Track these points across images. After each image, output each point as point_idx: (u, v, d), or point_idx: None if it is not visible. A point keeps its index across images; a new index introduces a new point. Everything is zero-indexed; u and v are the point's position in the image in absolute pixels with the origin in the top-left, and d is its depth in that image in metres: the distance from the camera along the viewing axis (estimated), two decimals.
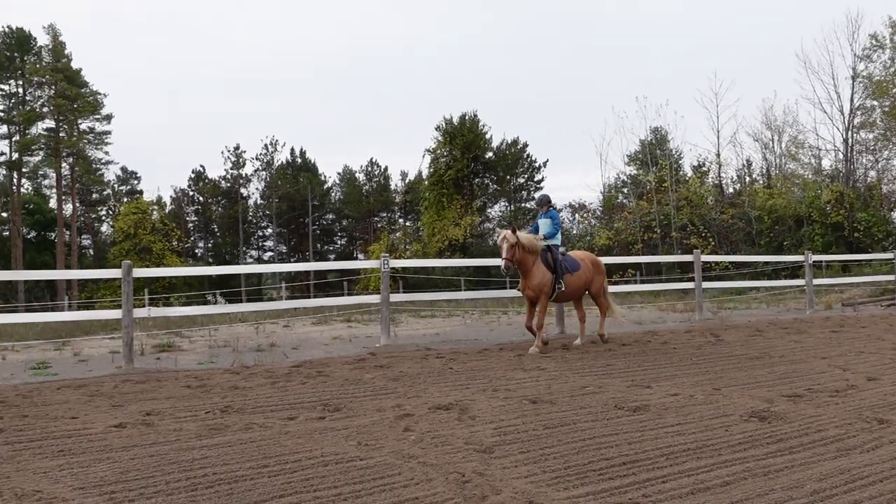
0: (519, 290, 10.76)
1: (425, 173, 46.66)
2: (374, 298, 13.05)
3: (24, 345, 11.99)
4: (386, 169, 67.68)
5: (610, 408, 6.20)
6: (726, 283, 20.50)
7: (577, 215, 42.22)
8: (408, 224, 60.39)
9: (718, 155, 40.40)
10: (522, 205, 50.95)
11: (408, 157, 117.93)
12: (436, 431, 5.46)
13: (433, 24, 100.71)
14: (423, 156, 46.18)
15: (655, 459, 4.64)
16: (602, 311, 11.29)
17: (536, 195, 11.65)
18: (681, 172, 41.84)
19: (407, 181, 63.16)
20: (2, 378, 8.67)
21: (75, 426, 5.84)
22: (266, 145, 62.01)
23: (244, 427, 5.71)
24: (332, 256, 65.12)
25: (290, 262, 60.67)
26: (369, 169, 67.83)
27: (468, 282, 29.90)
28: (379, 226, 62.95)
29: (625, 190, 46.53)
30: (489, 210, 48.11)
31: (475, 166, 44.29)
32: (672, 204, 35.59)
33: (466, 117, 43.73)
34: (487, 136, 45.10)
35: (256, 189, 63.83)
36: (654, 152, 41.11)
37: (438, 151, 43.36)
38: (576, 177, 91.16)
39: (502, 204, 50.93)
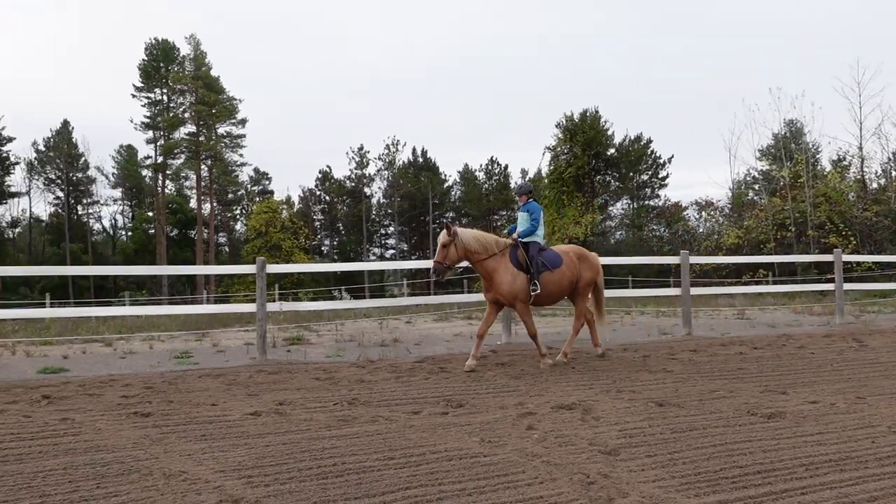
0: (484, 293, 9.18)
1: (545, 171, 46.22)
2: None
3: (168, 335, 12.83)
4: (506, 167, 67.87)
5: (742, 413, 5.93)
6: (870, 284, 19.11)
7: (703, 213, 40.63)
8: None
9: (861, 148, 37.70)
10: (646, 202, 49.56)
11: (528, 155, 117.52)
12: (559, 431, 5.41)
13: (556, 21, 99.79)
14: (543, 154, 45.77)
15: (793, 469, 4.40)
16: (578, 316, 9.51)
17: (516, 183, 9.99)
18: (818, 167, 39.38)
19: (527, 179, 62.99)
20: (149, 366, 9.33)
21: (215, 412, 6.20)
22: (388, 146, 63.72)
23: (371, 419, 5.87)
24: None
25: (411, 259, 61.83)
26: (489, 167, 68.17)
27: None
28: (499, 224, 63.03)
29: (755, 186, 44.35)
30: (611, 208, 47.06)
31: (596, 163, 43.43)
32: (809, 201, 33.56)
33: (587, 114, 42.96)
34: (609, 133, 44.14)
35: (379, 188, 65.86)
36: (789, 146, 38.88)
37: (559, 149, 42.81)
38: (702, 173, 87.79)
39: (625, 201, 49.75)
